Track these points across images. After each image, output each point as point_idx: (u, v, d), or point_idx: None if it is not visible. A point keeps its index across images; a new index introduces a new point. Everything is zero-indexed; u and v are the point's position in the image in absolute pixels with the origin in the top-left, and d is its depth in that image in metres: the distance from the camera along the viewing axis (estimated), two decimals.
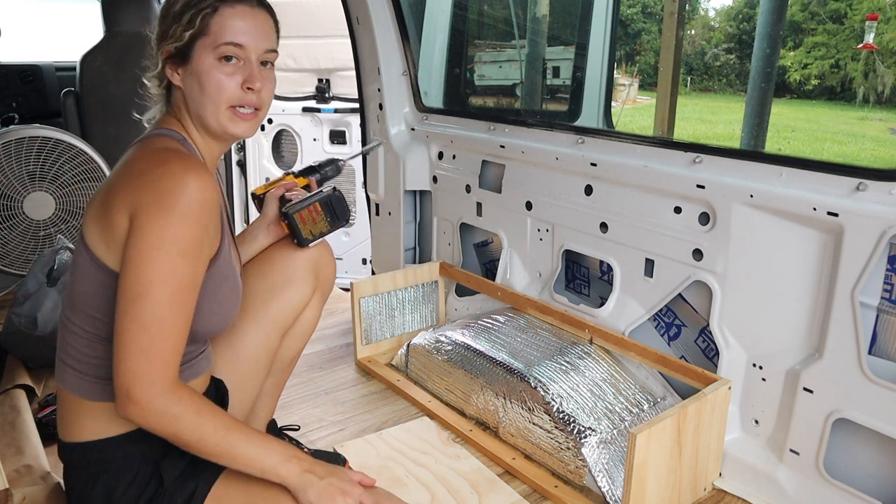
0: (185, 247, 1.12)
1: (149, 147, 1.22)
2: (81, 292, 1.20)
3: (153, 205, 1.10)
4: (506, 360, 1.97)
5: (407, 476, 1.77)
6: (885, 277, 1.47)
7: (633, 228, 1.93)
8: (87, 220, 1.19)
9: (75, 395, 1.23)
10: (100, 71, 3.40)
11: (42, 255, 2.39)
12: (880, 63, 10.28)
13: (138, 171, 1.16)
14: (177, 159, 1.15)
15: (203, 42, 1.23)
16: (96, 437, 1.22)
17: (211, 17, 1.22)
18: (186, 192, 1.11)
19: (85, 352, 1.21)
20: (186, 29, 1.22)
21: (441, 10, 3.11)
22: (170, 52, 1.25)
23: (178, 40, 1.23)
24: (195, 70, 1.24)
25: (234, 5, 1.23)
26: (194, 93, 1.25)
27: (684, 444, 1.59)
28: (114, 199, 1.14)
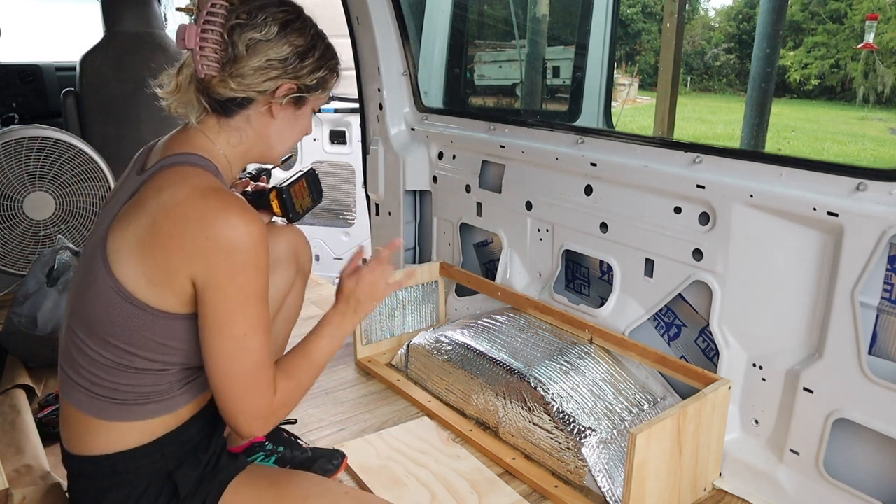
0: (261, 292, 1.16)
1: (195, 185, 1.15)
2: (101, 319, 1.16)
3: (227, 267, 1.11)
4: (506, 360, 1.97)
5: (407, 476, 1.77)
6: (885, 277, 1.47)
7: (633, 228, 1.93)
8: (119, 248, 1.13)
9: (86, 414, 1.19)
10: (100, 71, 3.40)
11: (42, 255, 2.39)
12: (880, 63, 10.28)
13: (193, 225, 1.10)
14: (232, 207, 1.13)
15: (317, 97, 1.29)
16: (108, 451, 1.20)
17: (332, 77, 1.30)
18: (253, 245, 1.12)
19: (101, 376, 1.17)
20: (318, 81, 1.26)
21: (441, 10, 3.11)
22: (292, 91, 1.23)
23: (306, 88, 1.25)
24: (298, 116, 1.29)
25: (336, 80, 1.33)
26: (283, 132, 1.28)
27: (684, 444, 1.59)
28: (165, 248, 1.11)
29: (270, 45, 1.18)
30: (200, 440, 1.29)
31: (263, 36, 1.18)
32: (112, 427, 1.19)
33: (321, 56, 1.25)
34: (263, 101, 1.22)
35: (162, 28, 3.60)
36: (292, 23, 1.21)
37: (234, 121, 1.23)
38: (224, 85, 1.19)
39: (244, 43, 1.17)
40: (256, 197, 1.64)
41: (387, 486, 1.73)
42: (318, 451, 1.78)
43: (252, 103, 1.22)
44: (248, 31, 1.17)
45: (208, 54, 1.17)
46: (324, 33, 1.29)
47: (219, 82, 1.19)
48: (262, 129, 1.26)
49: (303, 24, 1.24)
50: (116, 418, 1.19)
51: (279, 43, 1.19)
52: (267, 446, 1.72)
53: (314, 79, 1.25)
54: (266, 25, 1.18)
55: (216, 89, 1.19)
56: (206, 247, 1.09)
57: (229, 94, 1.20)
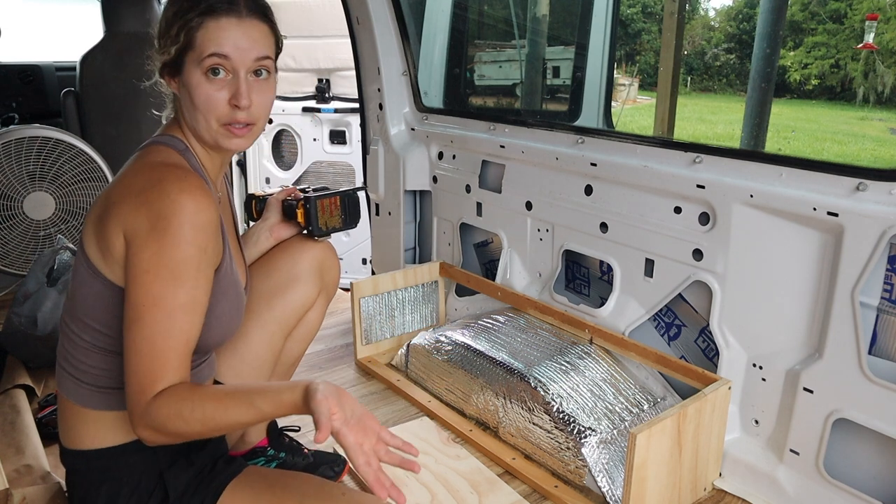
0: (177, 269, 1.09)
1: (148, 161, 1.19)
2: (80, 301, 1.19)
3: (147, 229, 1.08)
4: (506, 360, 1.97)
5: (407, 476, 1.77)
6: (885, 277, 1.47)
7: (633, 228, 1.93)
8: (86, 229, 1.18)
9: (75, 403, 1.22)
10: (100, 71, 3.41)
11: (42, 255, 2.39)
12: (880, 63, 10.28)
13: (136, 189, 1.12)
14: (173, 179, 1.12)
15: (190, 56, 1.19)
16: (98, 445, 1.21)
17: (196, 31, 1.18)
18: (179, 216, 1.08)
19: (83, 360, 1.20)
20: (174, 43, 1.19)
21: (441, 10, 3.11)
22: (164, 62, 1.23)
23: (168, 54, 1.21)
24: (185, 84, 1.21)
25: (219, 18, 1.18)
26: (187, 106, 1.23)
27: (684, 444, 1.59)
28: (110, 214, 1.12)
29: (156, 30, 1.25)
30: (193, 443, 1.27)
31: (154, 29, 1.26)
32: (99, 418, 1.21)
33: (174, 14, 1.21)
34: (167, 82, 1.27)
35: None
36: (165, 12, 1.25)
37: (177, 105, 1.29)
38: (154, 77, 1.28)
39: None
40: (288, 207, 1.63)
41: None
42: (320, 457, 1.78)
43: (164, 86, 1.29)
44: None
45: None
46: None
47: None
48: (183, 107, 1.26)
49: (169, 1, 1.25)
50: (101, 407, 1.20)
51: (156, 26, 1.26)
52: (269, 452, 1.72)
53: (170, 39, 1.20)
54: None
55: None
56: (138, 209, 1.09)
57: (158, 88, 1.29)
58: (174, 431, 1.08)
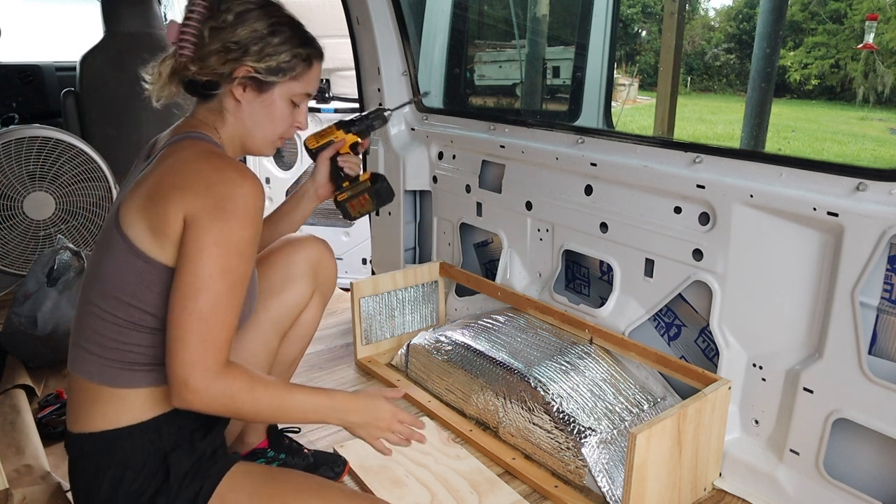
0: (242, 247, 1.19)
1: (201, 149, 1.26)
2: (115, 280, 1.21)
3: (214, 208, 1.16)
4: (506, 360, 1.97)
5: (407, 476, 1.77)
6: (885, 277, 1.47)
7: (633, 228, 1.93)
8: (129, 211, 1.21)
9: (91, 382, 1.23)
10: (100, 71, 3.41)
11: (42, 255, 2.39)
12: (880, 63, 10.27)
13: (194, 173, 1.20)
14: (232, 165, 1.22)
15: (287, 84, 1.33)
16: (107, 426, 1.22)
17: (304, 65, 1.34)
18: (244, 198, 1.18)
19: (113, 337, 1.21)
20: (280, 66, 1.31)
21: (441, 10, 3.11)
22: (249, 74, 1.30)
23: (266, 72, 1.30)
24: (267, 102, 1.33)
25: (319, 63, 1.38)
26: (255, 118, 1.34)
27: (684, 444, 1.59)
28: (166, 196, 1.18)
29: (227, 31, 1.28)
30: (197, 427, 1.29)
31: (221, 23, 1.28)
32: (117, 397, 1.22)
33: (283, 42, 1.31)
34: (226, 85, 1.31)
35: (162, 28, 3.61)
36: (251, 11, 1.30)
37: (211, 105, 1.33)
38: (188, 68, 1.29)
39: (207, 30, 1.28)
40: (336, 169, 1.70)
41: (387, 487, 1.73)
42: (320, 458, 1.78)
43: (219, 87, 1.31)
44: (211, 22, 1.28)
45: (185, 46, 1.29)
46: (295, 23, 1.35)
47: (185, 66, 1.30)
48: (236, 114, 1.33)
49: (264, 12, 1.31)
50: (124, 384, 1.22)
51: (235, 29, 1.28)
52: (269, 453, 1.72)
53: (274, 62, 1.30)
54: (224, 13, 1.28)
55: (185, 73, 1.31)
56: (203, 190, 1.17)
57: (194, 77, 1.30)
58: (233, 405, 1.17)
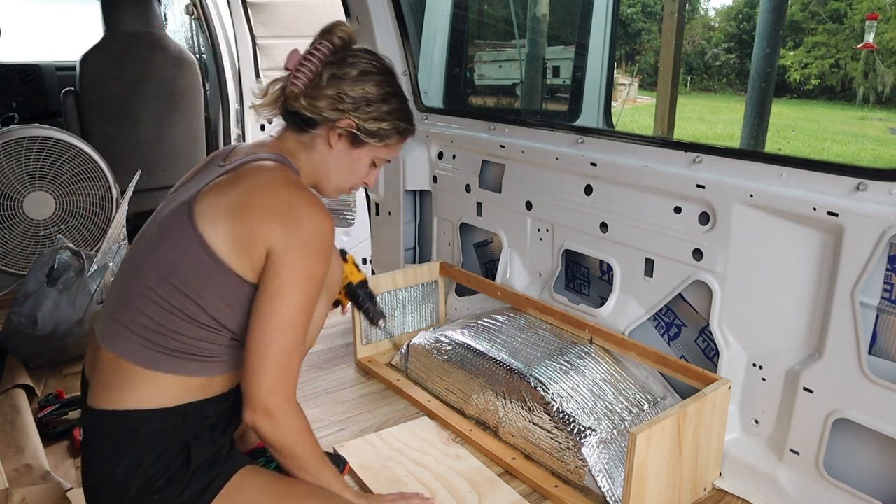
0: (319, 281, 1.30)
1: (289, 178, 1.33)
2: (179, 271, 1.25)
3: (303, 245, 1.26)
4: (506, 360, 1.97)
5: (407, 476, 1.77)
6: (885, 277, 1.47)
7: (633, 228, 1.93)
8: (210, 213, 1.26)
9: (126, 360, 1.25)
10: (100, 71, 3.40)
11: (42, 255, 2.39)
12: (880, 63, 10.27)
13: (286, 203, 1.27)
14: (318, 202, 1.31)
15: (377, 147, 1.44)
16: (133, 406, 1.25)
17: (398, 138, 1.46)
18: (326, 236, 1.29)
19: (161, 322, 1.25)
20: (379, 131, 1.41)
21: (441, 10, 3.11)
22: (351, 128, 1.39)
23: (366, 132, 1.40)
24: (355, 157, 1.44)
25: (410, 138, 1.51)
26: (339, 167, 1.44)
27: (684, 444, 1.59)
28: (256, 216, 1.25)
29: (346, 83, 1.38)
30: (219, 421, 1.33)
31: (343, 74, 1.38)
32: (151, 379, 1.25)
33: (390, 111, 1.42)
34: (326, 127, 1.40)
35: (162, 28, 3.61)
36: (373, 74, 1.41)
37: (303, 137, 1.42)
38: (298, 101, 1.38)
39: (327, 75, 1.38)
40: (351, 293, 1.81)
41: (387, 486, 1.72)
42: None
43: (317, 126, 1.40)
44: (333, 69, 1.39)
45: (300, 76, 1.38)
46: (403, 98, 1.47)
47: (295, 98, 1.38)
48: (323, 156, 1.43)
49: (384, 79, 1.42)
50: (160, 368, 1.25)
51: (354, 84, 1.38)
52: (269, 452, 1.72)
53: (375, 126, 1.41)
54: (349, 67, 1.39)
55: (292, 102, 1.39)
56: (290, 225, 1.25)
57: (300, 110, 1.38)
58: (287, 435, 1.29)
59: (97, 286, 2.37)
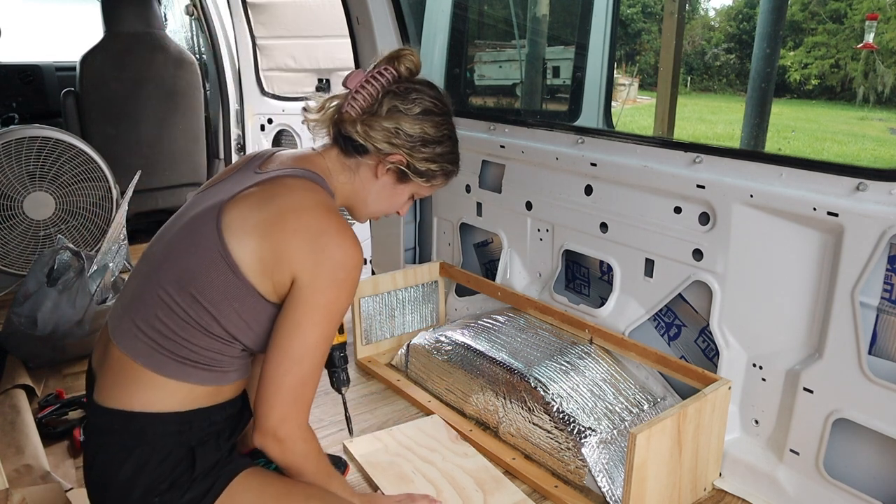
0: (342, 313, 1.29)
1: (325, 203, 1.30)
2: (199, 280, 1.23)
3: (329, 278, 1.24)
4: (506, 360, 1.97)
5: (414, 472, 1.77)
6: (885, 277, 1.47)
7: (633, 228, 1.93)
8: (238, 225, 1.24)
9: (135, 362, 1.24)
10: (100, 71, 3.40)
11: (42, 255, 2.39)
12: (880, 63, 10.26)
13: (319, 232, 1.25)
14: (348, 232, 1.27)
15: (421, 185, 1.44)
16: (142, 408, 1.24)
17: (443, 179, 1.47)
18: (355, 270, 1.27)
19: (174, 329, 1.24)
20: (427, 171, 1.41)
21: (441, 10, 3.10)
22: (401, 164, 1.39)
23: (414, 171, 1.40)
24: (398, 190, 1.44)
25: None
26: (380, 197, 1.44)
27: (684, 444, 1.59)
28: (286, 239, 1.23)
29: (405, 119, 1.37)
30: (225, 427, 1.33)
31: (405, 109, 1.37)
32: (159, 384, 1.24)
33: (442, 154, 1.42)
34: (375, 158, 1.39)
35: (162, 28, 3.61)
36: (433, 114, 1.39)
37: (348, 161, 1.40)
38: (353, 126, 1.36)
39: (388, 106, 1.36)
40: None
41: (394, 482, 1.73)
42: None
43: (366, 154, 1.38)
44: (395, 100, 1.36)
45: (359, 100, 1.36)
46: (456, 141, 1.46)
47: (351, 122, 1.37)
48: (365, 183, 1.42)
49: (443, 121, 1.42)
50: (169, 374, 1.24)
51: (413, 121, 1.37)
52: None
53: (425, 166, 1.41)
54: (412, 103, 1.37)
55: (346, 125, 1.37)
56: (319, 255, 1.23)
57: (352, 135, 1.37)
58: (295, 459, 1.30)
59: (97, 286, 2.37)
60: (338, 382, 1.73)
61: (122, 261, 2.62)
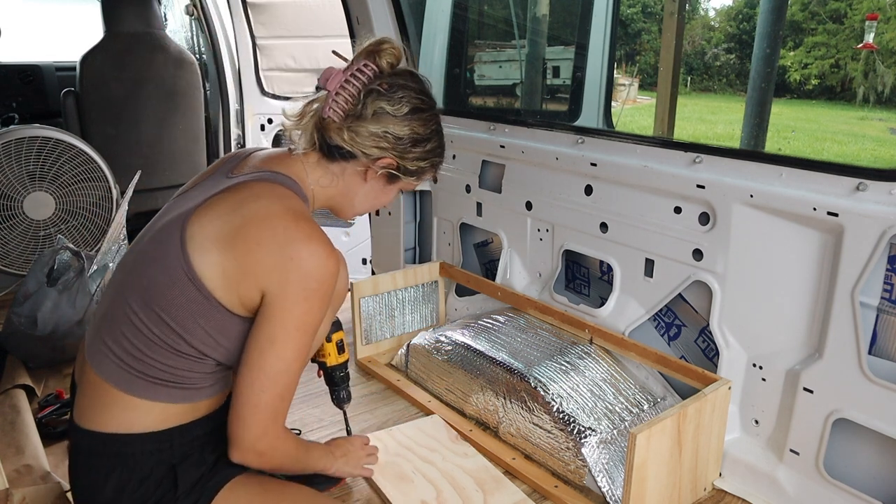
0: (315, 326, 1.22)
1: (294, 208, 1.22)
2: (163, 298, 1.17)
3: (300, 289, 1.16)
4: (506, 360, 1.97)
5: (414, 472, 1.77)
6: (885, 277, 1.47)
7: (633, 228, 1.93)
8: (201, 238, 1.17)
9: (111, 385, 1.20)
10: (100, 71, 3.40)
11: (42, 255, 2.39)
12: (880, 63, 10.26)
13: (283, 240, 1.17)
14: (320, 238, 1.20)
15: (410, 181, 1.39)
16: (122, 430, 1.21)
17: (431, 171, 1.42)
18: (329, 278, 1.19)
19: (140, 349, 1.19)
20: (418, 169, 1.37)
21: (441, 10, 3.11)
22: (391, 167, 1.34)
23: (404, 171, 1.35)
24: (387, 190, 1.39)
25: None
26: (367, 197, 1.38)
27: (684, 444, 1.59)
28: (247, 252, 1.16)
29: (394, 121, 1.30)
30: (208, 440, 1.30)
31: (393, 111, 1.30)
32: (132, 405, 1.21)
33: (431, 150, 1.38)
34: (364, 162, 1.33)
35: (162, 28, 3.61)
36: (422, 111, 1.33)
37: (332, 166, 1.34)
38: (339, 133, 1.29)
39: (373, 108, 1.28)
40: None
41: (393, 482, 1.73)
42: None
43: (354, 159, 1.32)
44: (381, 101, 1.29)
45: (340, 102, 1.29)
46: (442, 131, 1.42)
47: (336, 128, 1.29)
48: (351, 186, 1.36)
49: (430, 116, 1.36)
50: (141, 395, 1.21)
51: (402, 122, 1.31)
52: None
53: (415, 165, 1.36)
54: (399, 103, 1.30)
55: (330, 132, 1.30)
56: (287, 266, 1.16)
57: (338, 143, 1.30)
58: (276, 463, 1.28)
59: (97, 286, 2.37)
60: (338, 400, 1.73)
61: None
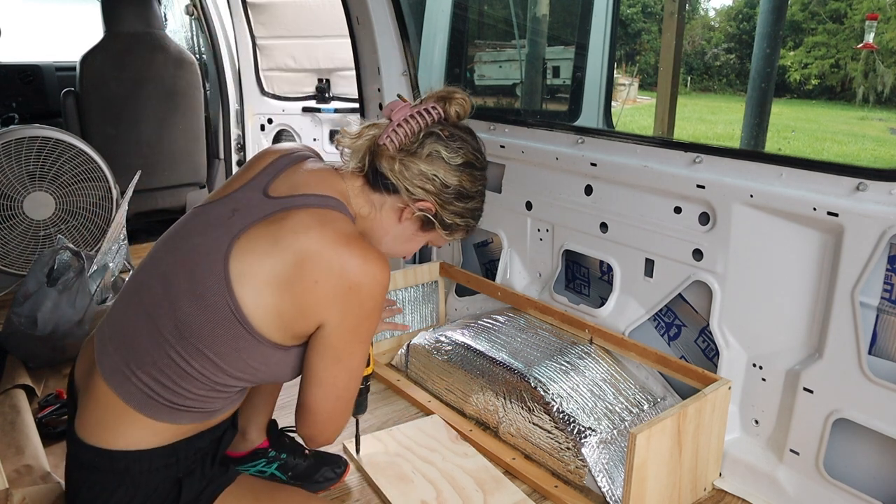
0: (374, 331, 1.29)
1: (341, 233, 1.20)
2: (206, 335, 1.16)
3: (359, 312, 1.20)
4: (506, 360, 1.97)
5: (414, 472, 1.77)
6: (885, 277, 1.47)
7: (633, 228, 1.93)
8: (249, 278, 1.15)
9: (132, 408, 1.18)
10: (100, 71, 3.40)
11: (42, 255, 2.39)
12: (880, 63, 10.26)
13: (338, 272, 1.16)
14: (372, 255, 1.20)
15: (441, 234, 1.39)
16: (130, 447, 1.19)
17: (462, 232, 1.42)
18: (382, 292, 1.22)
19: (174, 379, 1.17)
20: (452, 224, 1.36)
21: (441, 10, 3.11)
22: (429, 212, 1.33)
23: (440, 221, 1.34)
24: (417, 236, 1.38)
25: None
26: (394, 238, 1.37)
27: (684, 444, 1.59)
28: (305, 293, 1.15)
29: (446, 168, 1.31)
30: (208, 452, 1.31)
31: (447, 157, 1.30)
32: (147, 425, 1.19)
33: (471, 210, 1.39)
34: (404, 199, 1.32)
35: (162, 28, 3.61)
36: (474, 168, 1.35)
37: (374, 196, 1.33)
38: (390, 162, 1.29)
39: (430, 149, 1.30)
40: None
41: (393, 482, 1.73)
42: (322, 458, 1.77)
43: (395, 194, 1.31)
44: (438, 144, 1.30)
45: (399, 134, 1.29)
46: (485, 197, 1.44)
47: (388, 157, 1.29)
48: (385, 223, 1.35)
49: (480, 176, 1.38)
50: (162, 419, 1.20)
51: (453, 172, 1.32)
52: (270, 453, 1.72)
53: (451, 219, 1.36)
54: (455, 152, 1.31)
55: (381, 160, 1.30)
56: (347, 295, 1.18)
57: (386, 171, 1.29)
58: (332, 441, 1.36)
59: (97, 286, 2.37)
60: (355, 409, 1.73)
61: (122, 261, 2.62)
